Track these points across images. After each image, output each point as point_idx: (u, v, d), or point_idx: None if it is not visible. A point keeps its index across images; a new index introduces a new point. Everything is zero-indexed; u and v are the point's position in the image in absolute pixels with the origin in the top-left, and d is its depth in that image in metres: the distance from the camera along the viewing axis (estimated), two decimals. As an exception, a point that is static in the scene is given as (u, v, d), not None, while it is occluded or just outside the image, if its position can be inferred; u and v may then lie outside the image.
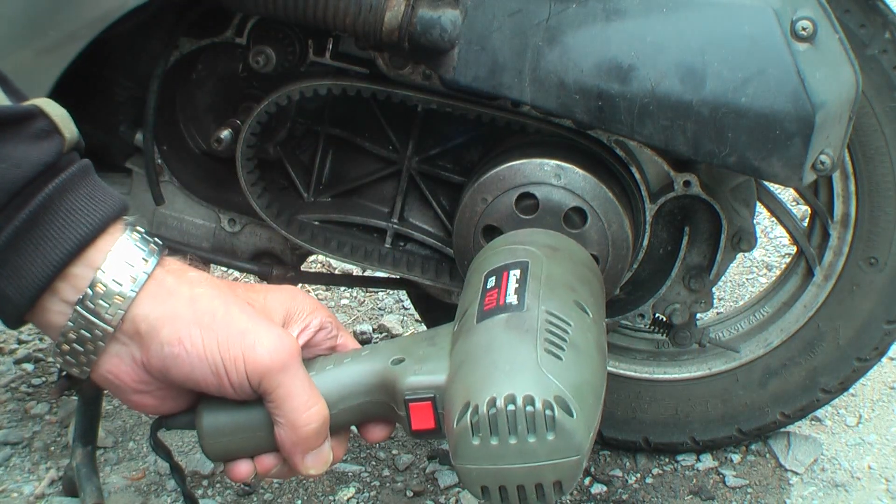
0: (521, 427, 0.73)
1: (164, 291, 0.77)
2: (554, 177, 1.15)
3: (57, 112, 0.77)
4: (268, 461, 0.83)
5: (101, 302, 0.75)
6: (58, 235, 0.74)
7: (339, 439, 0.85)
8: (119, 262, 0.76)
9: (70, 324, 0.76)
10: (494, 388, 0.75)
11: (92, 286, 0.75)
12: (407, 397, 0.81)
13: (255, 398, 0.80)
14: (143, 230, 0.79)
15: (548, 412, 0.73)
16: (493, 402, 0.74)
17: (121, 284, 0.75)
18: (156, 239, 0.79)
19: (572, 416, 0.74)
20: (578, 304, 0.85)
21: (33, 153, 0.73)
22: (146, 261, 0.77)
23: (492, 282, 0.86)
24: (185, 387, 0.79)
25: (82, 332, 0.76)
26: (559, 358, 0.77)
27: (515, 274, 0.86)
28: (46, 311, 0.76)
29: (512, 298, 0.83)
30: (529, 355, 0.77)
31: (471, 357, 0.79)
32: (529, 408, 0.73)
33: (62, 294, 0.75)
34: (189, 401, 0.83)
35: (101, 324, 0.76)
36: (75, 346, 0.76)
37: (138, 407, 0.82)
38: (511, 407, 0.73)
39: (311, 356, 0.86)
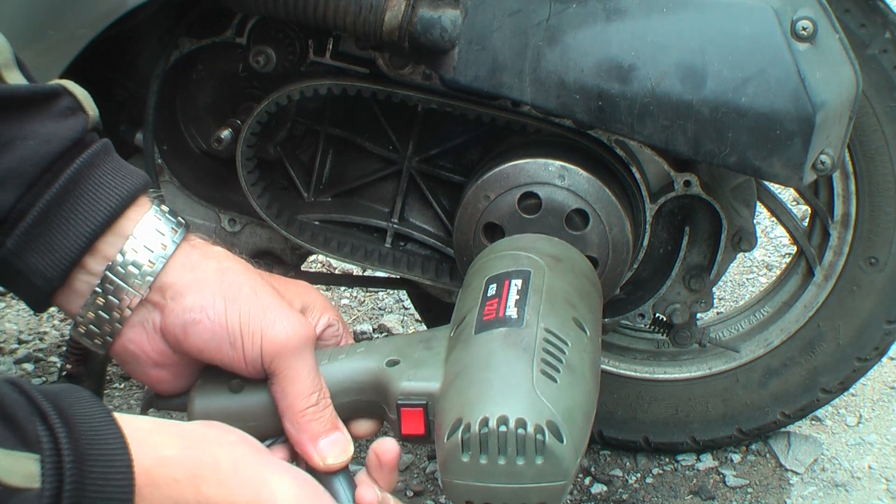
0: (510, 449, 0.74)
1: (192, 262, 0.79)
2: (558, 177, 1.15)
3: (80, 91, 0.79)
4: None
5: (131, 268, 0.76)
6: (88, 209, 0.75)
7: None
8: (150, 230, 0.77)
9: (98, 289, 0.76)
10: (488, 408, 0.75)
11: (122, 253, 0.76)
12: (400, 402, 0.81)
13: (260, 379, 0.80)
14: (168, 207, 0.80)
15: (538, 437, 0.74)
16: (485, 422, 0.74)
17: (151, 251, 0.77)
18: (181, 217, 0.81)
19: (562, 441, 0.74)
20: (577, 321, 0.84)
21: (61, 130, 0.75)
22: (175, 231, 0.78)
23: (492, 289, 0.86)
24: (200, 357, 0.80)
25: (110, 297, 0.77)
26: (554, 380, 0.77)
27: (517, 284, 0.86)
28: (76, 281, 0.77)
29: (511, 311, 0.82)
30: (525, 376, 0.77)
31: (466, 371, 0.79)
32: (521, 431, 0.74)
33: (91, 266, 0.77)
34: None
35: (130, 290, 0.77)
36: (101, 313, 0.77)
37: (154, 382, 0.82)
38: (503, 428, 0.74)
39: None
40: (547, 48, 1.08)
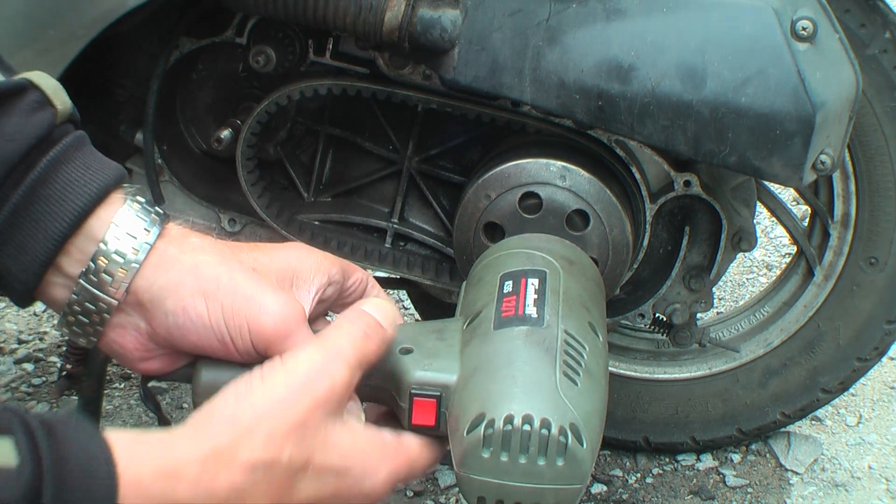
0: (533, 448, 0.73)
1: (166, 261, 0.77)
2: (559, 178, 1.15)
3: (49, 84, 0.76)
4: None
5: (103, 275, 0.75)
6: (56, 209, 0.73)
7: None
8: (121, 233, 0.75)
9: (74, 296, 0.76)
10: (512, 405, 0.74)
11: (94, 259, 0.75)
12: (413, 391, 0.80)
13: (261, 361, 0.80)
14: (143, 199, 0.78)
15: (561, 438, 0.73)
16: (510, 419, 0.74)
17: (123, 257, 0.75)
18: (157, 209, 0.78)
19: (583, 445, 0.74)
20: (592, 326, 0.84)
21: (26, 127, 0.73)
22: (148, 231, 0.76)
23: (508, 286, 0.86)
24: (195, 353, 0.79)
25: (87, 304, 0.76)
26: (575, 383, 0.77)
27: (534, 283, 0.85)
28: (52, 284, 0.76)
29: (531, 311, 0.82)
30: (549, 377, 0.76)
31: (488, 365, 0.79)
32: (545, 431, 0.73)
33: (66, 268, 0.75)
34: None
35: (105, 297, 0.76)
36: (81, 318, 0.76)
37: (145, 372, 0.81)
38: (527, 427, 0.73)
39: (323, 311, 0.85)
40: (547, 48, 1.08)
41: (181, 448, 0.67)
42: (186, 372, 0.82)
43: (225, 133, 1.26)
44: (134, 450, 0.65)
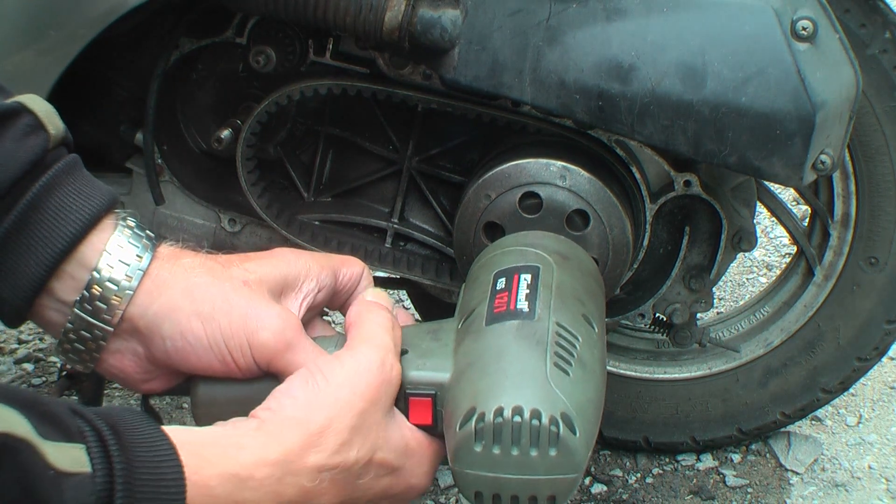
0: (524, 440, 0.73)
1: (159, 285, 0.77)
2: (559, 178, 1.15)
3: (41, 108, 0.76)
4: None
5: (98, 304, 0.75)
6: (48, 235, 0.74)
7: None
8: (114, 260, 0.76)
9: (70, 324, 0.76)
10: (503, 398, 0.75)
11: (88, 288, 0.75)
12: (408, 391, 0.81)
13: (261, 374, 0.80)
14: (134, 223, 0.78)
15: (553, 428, 0.73)
16: (500, 412, 0.74)
17: (117, 284, 0.76)
18: (148, 232, 0.79)
19: (575, 434, 0.74)
20: (586, 317, 0.85)
21: (19, 152, 0.73)
22: (140, 258, 0.77)
23: (501, 283, 0.86)
24: (195, 373, 0.80)
25: (83, 332, 0.76)
26: (567, 374, 0.77)
27: (526, 279, 0.86)
28: (45, 308, 0.76)
29: (522, 305, 0.82)
30: (539, 368, 0.77)
31: (479, 361, 0.79)
32: (535, 422, 0.73)
33: (58, 293, 0.76)
34: None
35: (100, 324, 0.76)
36: (77, 345, 0.77)
37: (147, 392, 0.82)
38: (517, 419, 0.73)
39: (315, 314, 0.86)
40: (547, 48, 1.08)
41: (249, 451, 0.69)
42: (185, 386, 0.82)
43: (225, 133, 1.26)
44: (200, 453, 0.67)
